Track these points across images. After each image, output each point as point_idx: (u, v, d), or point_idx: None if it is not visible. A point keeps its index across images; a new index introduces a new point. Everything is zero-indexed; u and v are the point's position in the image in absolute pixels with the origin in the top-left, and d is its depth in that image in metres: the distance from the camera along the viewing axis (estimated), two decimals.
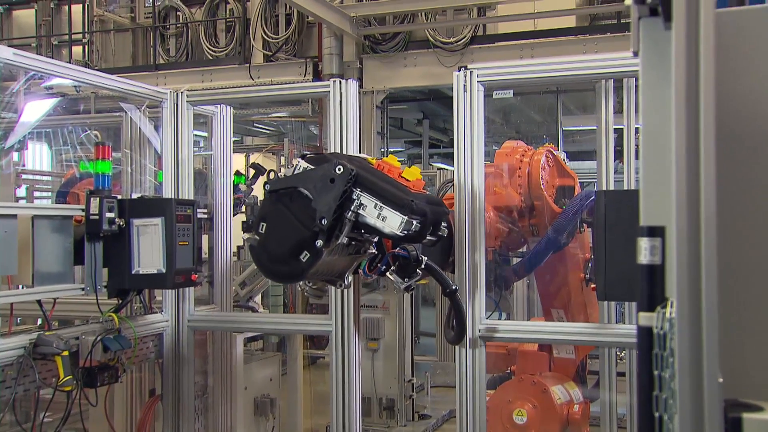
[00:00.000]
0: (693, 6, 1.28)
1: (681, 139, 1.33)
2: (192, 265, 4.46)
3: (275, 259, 2.97)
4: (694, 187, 1.33)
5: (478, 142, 4.05)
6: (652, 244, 1.39)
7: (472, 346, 4.01)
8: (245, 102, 7.68)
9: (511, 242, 4.93)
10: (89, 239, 4.11)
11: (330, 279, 3.14)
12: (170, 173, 4.74)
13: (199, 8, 11.38)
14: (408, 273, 3.27)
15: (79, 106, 10.73)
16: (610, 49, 8.42)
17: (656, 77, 1.42)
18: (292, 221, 2.95)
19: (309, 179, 2.99)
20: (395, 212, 2.91)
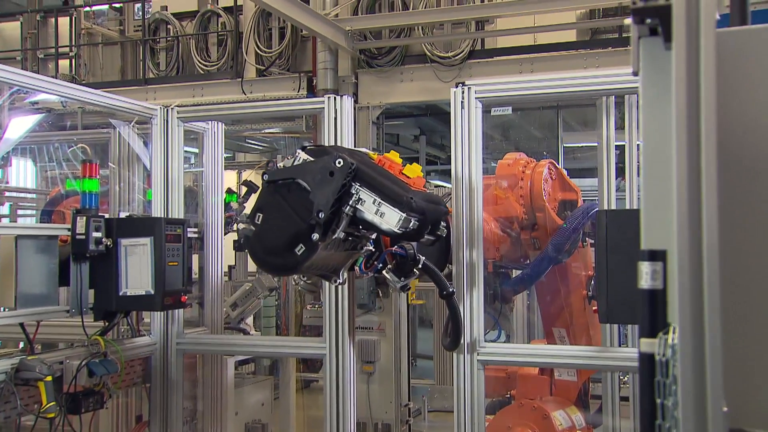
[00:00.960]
0: (693, 26, 1.29)
1: (682, 162, 1.34)
2: (182, 286, 4.46)
3: (270, 250, 2.98)
4: (696, 211, 1.34)
5: (476, 159, 4.07)
6: (653, 268, 1.40)
7: (470, 351, 4.00)
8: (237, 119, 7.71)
9: (512, 254, 4.95)
10: (75, 260, 4.10)
11: (324, 274, 3.13)
12: (160, 191, 4.75)
13: (190, 21, 11.43)
14: (405, 272, 3.28)
15: (65, 122, 10.75)
16: (611, 63, 8.48)
17: (657, 98, 1.43)
18: (289, 213, 2.96)
19: (308, 171, 3.00)
20: (394, 209, 2.92)
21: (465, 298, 3.99)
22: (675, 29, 1.30)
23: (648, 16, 1.37)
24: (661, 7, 1.34)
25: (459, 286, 3.98)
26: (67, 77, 11.74)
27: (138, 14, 12.55)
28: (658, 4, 1.35)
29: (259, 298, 7.46)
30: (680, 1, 1.30)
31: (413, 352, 11.24)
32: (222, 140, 5.24)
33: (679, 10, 1.30)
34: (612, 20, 9.50)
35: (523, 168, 4.92)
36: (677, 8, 1.30)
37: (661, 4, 1.34)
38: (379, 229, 2.96)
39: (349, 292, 4.36)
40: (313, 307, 9.68)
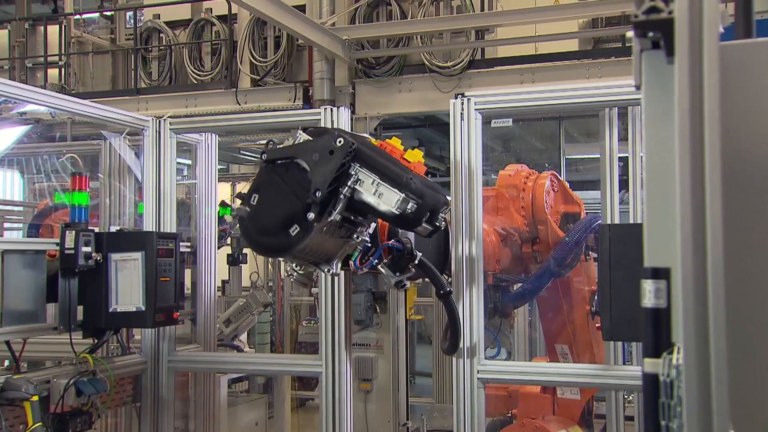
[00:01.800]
0: (696, 40, 1.30)
1: (685, 178, 1.35)
2: (173, 302, 4.45)
3: (264, 231, 2.97)
4: (700, 228, 1.35)
5: (476, 171, 4.09)
6: (657, 286, 1.40)
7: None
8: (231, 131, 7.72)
9: (513, 267, 4.96)
10: (64, 275, 4.10)
11: (317, 261, 3.12)
12: (152, 205, 4.75)
13: (184, 30, 11.46)
14: (400, 267, 3.28)
15: (54, 133, 10.75)
16: (614, 73, 8.50)
17: (660, 112, 1.44)
18: (286, 193, 2.96)
19: (307, 150, 3.01)
20: (393, 189, 2.93)
21: (465, 300, 3.98)
22: (677, 43, 1.31)
23: (650, 30, 1.38)
24: (664, 20, 1.35)
25: (458, 290, 3.97)
26: (56, 87, 11.75)
27: (130, 23, 12.58)
28: (660, 17, 1.36)
29: (253, 314, 7.47)
30: (683, 15, 1.31)
31: (412, 370, 11.20)
32: (216, 152, 5.25)
33: (682, 23, 1.31)
34: (615, 29, 9.54)
35: (524, 179, 4.94)
36: (680, 22, 1.31)
37: (663, 18, 1.35)
38: (376, 211, 2.96)
39: (345, 308, 4.36)
40: (309, 323, 9.68)
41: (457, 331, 3.84)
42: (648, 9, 1.37)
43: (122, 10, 12.87)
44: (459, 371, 4.03)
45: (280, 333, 10.69)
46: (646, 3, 1.37)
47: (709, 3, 1.30)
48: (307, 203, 2.88)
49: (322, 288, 4.43)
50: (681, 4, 1.31)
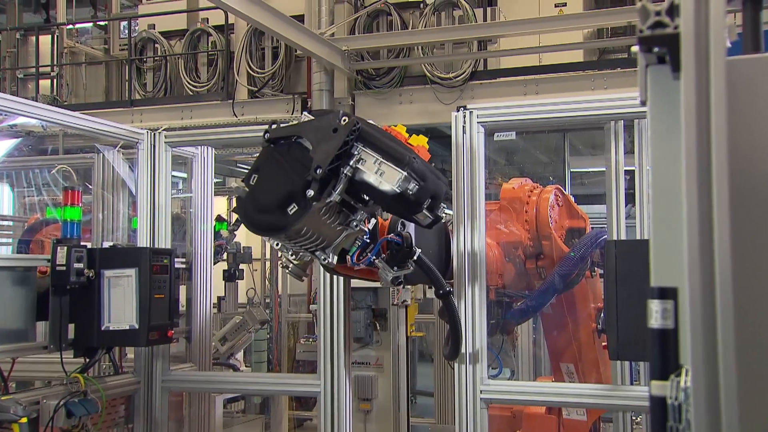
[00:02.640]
0: (702, 55, 1.31)
1: (692, 196, 1.35)
2: (168, 320, 4.46)
3: (261, 208, 2.98)
4: (708, 247, 1.35)
5: (478, 185, 4.10)
6: (664, 306, 1.40)
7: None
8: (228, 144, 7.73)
9: (516, 282, 4.96)
10: (55, 292, 4.10)
11: (313, 248, 3.12)
12: (146, 220, 4.76)
13: (179, 40, 11.51)
14: (398, 262, 3.28)
15: (45, 145, 10.77)
16: (620, 85, 8.53)
17: (666, 129, 1.45)
18: (286, 171, 2.98)
19: (310, 129, 3.03)
20: (395, 167, 2.95)
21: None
22: (683, 59, 1.32)
23: (655, 45, 1.39)
24: (669, 35, 1.36)
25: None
26: (48, 98, 11.80)
27: (124, 33, 12.64)
28: (665, 32, 1.37)
29: (249, 331, 7.46)
30: (689, 30, 1.32)
31: (413, 389, 11.17)
32: (212, 165, 5.27)
33: (688, 38, 1.32)
34: (621, 40, 9.58)
35: (528, 193, 4.95)
36: (686, 37, 1.32)
37: (668, 33, 1.36)
38: (377, 191, 2.96)
39: (344, 325, 4.36)
40: (307, 341, 9.67)
41: (458, 333, 3.83)
42: (653, 24, 1.38)
43: (116, 20, 12.93)
44: (461, 391, 4.03)
45: (277, 351, 10.67)
46: (651, 18, 1.38)
47: (715, 18, 1.31)
48: (307, 180, 2.89)
49: (321, 304, 4.43)
50: (687, 19, 1.32)
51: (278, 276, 11.11)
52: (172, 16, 11.65)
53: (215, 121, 10.31)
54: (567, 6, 9.83)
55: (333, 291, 4.40)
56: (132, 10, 13.81)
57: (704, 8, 1.32)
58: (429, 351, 12.60)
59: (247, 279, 10.78)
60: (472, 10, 9.63)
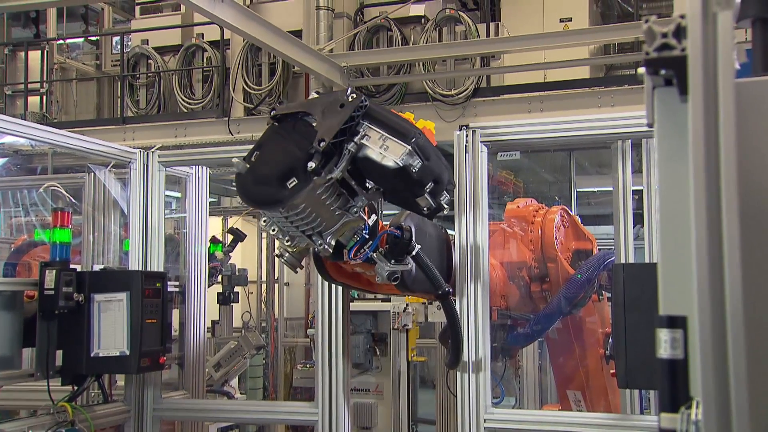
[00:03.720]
0: (710, 78, 1.33)
1: (701, 221, 1.36)
2: (160, 345, 4.45)
3: (260, 181, 2.98)
4: (717, 274, 1.36)
5: (481, 205, 4.11)
6: (673, 336, 1.40)
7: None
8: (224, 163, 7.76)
9: (521, 306, 4.96)
10: (43, 317, 4.09)
11: (310, 231, 3.12)
12: (138, 242, 4.76)
13: (173, 56, 11.57)
14: (396, 255, 3.28)
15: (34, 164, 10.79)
16: (627, 102, 8.57)
17: (674, 152, 1.46)
18: (289, 146, 2.99)
19: (317, 105, 3.05)
20: (399, 141, 2.96)
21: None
22: (691, 82, 1.33)
23: (662, 68, 1.40)
24: (676, 58, 1.37)
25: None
26: (37, 115, 11.84)
27: (116, 48, 12.70)
28: (672, 54, 1.38)
29: (245, 357, 7.45)
30: (696, 52, 1.33)
31: (414, 417, 11.10)
32: (206, 185, 5.28)
33: (695, 61, 1.33)
34: (628, 56, 9.63)
35: (533, 214, 4.96)
36: (693, 59, 1.33)
37: (675, 55, 1.37)
38: (379, 167, 2.97)
39: (343, 351, 4.35)
40: (305, 367, 9.64)
41: (458, 336, 3.80)
42: (660, 46, 1.39)
43: (108, 35, 12.99)
44: (464, 419, 4.01)
45: (273, 377, 10.63)
46: (657, 40, 1.39)
47: (723, 40, 1.32)
48: (310, 154, 2.90)
49: (319, 329, 4.42)
50: (694, 41, 1.33)
51: (275, 299, 11.10)
52: (166, 31, 11.72)
53: (210, 139, 10.35)
54: (572, 21, 9.90)
55: (331, 315, 4.40)
56: (125, 24, 13.88)
57: (712, 30, 1.33)
58: (431, 377, 12.55)
59: (243, 302, 10.77)
60: (474, 25, 9.70)
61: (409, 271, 3.42)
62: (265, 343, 10.08)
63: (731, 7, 1.32)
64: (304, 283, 12.60)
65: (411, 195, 3.09)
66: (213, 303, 9.01)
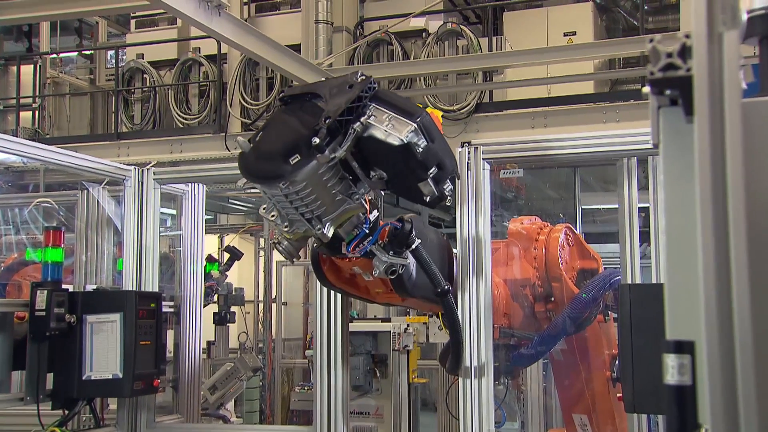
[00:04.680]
0: (716, 98, 1.33)
1: (708, 243, 1.36)
2: (154, 368, 4.44)
3: (262, 156, 2.99)
4: (725, 298, 1.36)
5: (484, 224, 4.12)
6: (680, 361, 1.40)
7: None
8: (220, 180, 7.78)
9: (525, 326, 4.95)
10: (33, 339, 4.08)
11: (309, 214, 3.12)
12: (132, 261, 4.76)
13: (169, 70, 11.61)
14: (395, 246, 3.28)
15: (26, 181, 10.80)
16: (633, 118, 8.59)
17: (680, 173, 1.46)
18: (294, 124, 3.02)
19: (325, 86, 3.11)
20: (405, 119, 3.00)
21: (471, 376, 3.97)
22: (697, 102, 1.34)
23: (667, 88, 1.41)
24: (681, 78, 1.38)
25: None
26: (29, 131, 11.87)
27: (111, 62, 12.75)
28: (677, 74, 1.39)
29: (241, 379, 7.43)
30: (702, 72, 1.34)
31: None
32: (203, 203, 5.29)
33: (701, 81, 1.34)
34: (633, 71, 9.67)
35: (537, 231, 4.96)
36: (699, 79, 1.34)
37: (680, 75, 1.38)
38: (383, 145, 2.99)
39: (342, 372, 4.34)
40: (302, 390, 9.62)
41: (459, 336, 3.78)
42: (665, 66, 1.40)
43: (103, 49, 13.05)
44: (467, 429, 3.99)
45: (270, 400, 10.60)
46: (662, 60, 1.40)
47: (729, 59, 1.33)
48: (315, 130, 2.92)
49: (317, 350, 4.42)
50: (700, 61, 1.34)
51: (272, 319, 11.08)
52: (162, 45, 11.76)
53: (207, 155, 10.37)
54: (577, 35, 9.95)
55: (330, 335, 4.39)
56: (119, 38, 13.95)
57: (718, 49, 1.34)
58: (432, 399, 12.50)
59: (239, 322, 10.75)
60: (476, 39, 9.74)
61: (408, 275, 3.42)
62: (262, 364, 10.06)
63: (737, 27, 1.33)
64: (302, 303, 12.61)
65: (414, 179, 3.11)
66: (209, 323, 9.00)
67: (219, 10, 6.43)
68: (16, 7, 6.92)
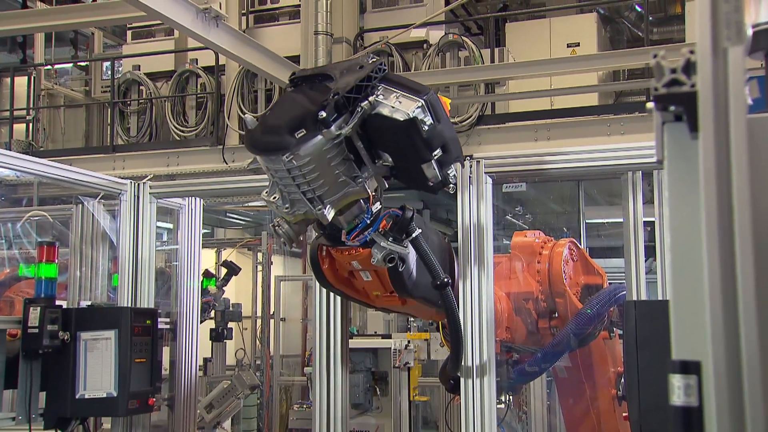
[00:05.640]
0: (722, 114, 1.34)
1: (714, 261, 1.36)
2: (149, 386, 4.43)
3: (268, 129, 3.06)
4: (732, 317, 1.36)
5: (486, 238, 4.12)
6: (687, 382, 1.40)
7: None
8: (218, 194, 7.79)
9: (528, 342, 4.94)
10: (25, 357, 4.08)
11: (311, 194, 3.13)
12: (127, 277, 4.76)
13: (166, 82, 11.63)
14: (395, 232, 3.29)
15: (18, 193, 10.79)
16: (638, 130, 8.60)
17: (686, 189, 1.46)
18: (302, 101, 3.09)
19: (336, 68, 3.20)
20: (412, 96, 3.07)
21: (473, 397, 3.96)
22: (702, 118, 1.34)
23: (672, 104, 1.41)
24: (686, 94, 1.38)
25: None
26: (23, 143, 11.87)
27: (106, 74, 12.76)
28: (682, 90, 1.39)
29: (238, 397, 7.41)
30: (706, 88, 1.34)
31: None
32: (200, 217, 5.29)
33: (706, 97, 1.34)
34: (638, 82, 9.68)
35: (541, 245, 4.96)
36: (703, 95, 1.35)
37: (685, 91, 1.39)
38: (390, 123, 3.04)
39: (342, 390, 4.33)
40: (301, 407, 9.59)
41: (458, 331, 3.77)
42: (669, 82, 1.41)
43: (99, 61, 13.07)
44: None
45: (268, 418, 10.57)
46: (666, 75, 1.41)
47: (734, 75, 1.34)
48: (322, 105, 2.98)
49: (316, 366, 4.41)
50: (704, 77, 1.35)
51: (270, 335, 11.07)
52: (158, 56, 11.79)
53: (204, 168, 10.37)
54: (580, 46, 9.97)
55: (330, 352, 4.39)
56: (115, 49, 13.98)
57: (722, 65, 1.35)
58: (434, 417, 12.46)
59: (237, 339, 10.73)
60: (478, 50, 9.76)
61: (408, 273, 3.43)
62: (260, 382, 10.03)
63: (742, 42, 1.34)
64: (301, 319, 12.59)
65: (418, 159, 3.15)
66: (205, 340, 8.99)
67: (217, 21, 6.47)
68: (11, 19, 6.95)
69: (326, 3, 9.59)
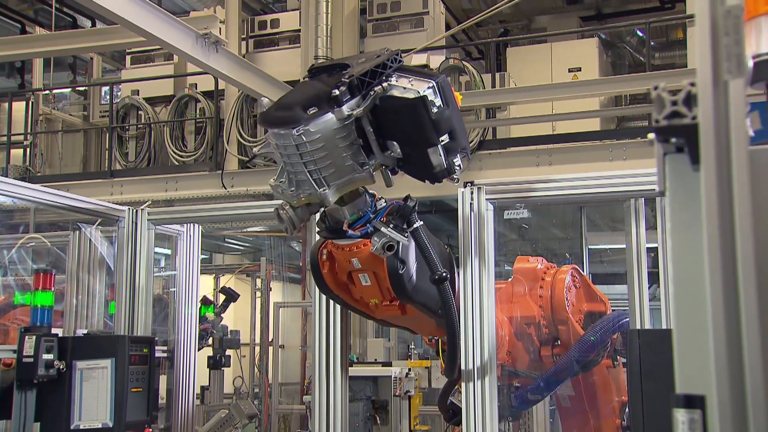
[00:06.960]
0: (723, 146, 1.35)
1: (717, 294, 1.37)
2: (146, 416, 4.41)
3: (282, 106, 3.18)
4: (736, 351, 1.36)
5: (488, 264, 4.12)
6: (691, 416, 1.40)
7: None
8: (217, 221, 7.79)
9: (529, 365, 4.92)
10: (20, 387, 4.06)
11: (317, 174, 3.16)
12: (124, 305, 4.76)
13: (165, 107, 11.68)
14: (397, 219, 3.32)
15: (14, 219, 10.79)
16: (640, 156, 8.61)
17: (688, 221, 1.47)
18: (317, 84, 3.21)
19: (355, 58, 3.32)
20: (424, 78, 3.18)
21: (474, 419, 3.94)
22: (703, 150, 1.35)
23: (673, 136, 1.42)
24: (687, 126, 1.39)
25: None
26: (20, 169, 11.90)
27: (105, 99, 12.82)
28: (683, 122, 1.40)
29: (236, 427, 7.35)
30: (707, 121, 1.35)
31: None
32: (198, 243, 5.30)
33: (707, 129, 1.35)
34: (640, 108, 9.72)
35: (543, 271, 4.96)
36: (704, 128, 1.36)
37: (686, 123, 1.40)
38: (400, 101, 3.13)
39: (342, 419, 4.32)
40: None
41: (454, 329, 3.74)
42: (670, 114, 1.42)
43: (97, 86, 13.13)
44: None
45: None
46: (667, 107, 1.42)
47: (735, 107, 1.35)
48: (337, 85, 3.09)
49: (316, 395, 4.39)
50: (705, 109, 1.36)
51: (269, 363, 11.02)
52: (157, 81, 11.85)
53: (203, 193, 10.38)
54: (582, 71, 10.02)
55: (329, 380, 4.37)
56: (114, 74, 14.06)
57: (723, 97, 1.36)
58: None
59: (235, 366, 10.69)
60: (479, 75, 9.81)
61: (409, 276, 3.44)
62: (258, 411, 9.97)
63: (743, 75, 1.35)
64: (300, 346, 12.54)
65: (425, 144, 3.20)
66: (203, 367, 8.96)
67: (217, 47, 6.52)
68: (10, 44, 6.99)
69: (326, 28, 9.66)
